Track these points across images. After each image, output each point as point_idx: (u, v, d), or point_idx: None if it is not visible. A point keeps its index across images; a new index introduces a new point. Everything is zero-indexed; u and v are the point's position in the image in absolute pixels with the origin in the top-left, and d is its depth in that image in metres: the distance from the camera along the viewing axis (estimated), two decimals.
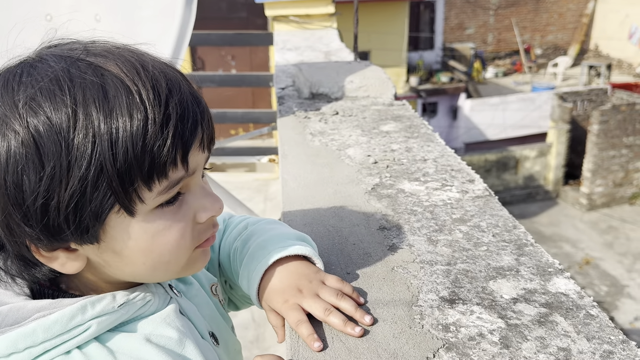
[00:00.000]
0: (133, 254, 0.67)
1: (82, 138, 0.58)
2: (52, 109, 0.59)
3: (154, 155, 0.61)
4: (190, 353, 0.73)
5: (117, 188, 0.60)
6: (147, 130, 0.60)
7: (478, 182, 1.38)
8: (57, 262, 0.66)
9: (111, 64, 0.62)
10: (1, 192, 0.60)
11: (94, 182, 0.59)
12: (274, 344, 3.44)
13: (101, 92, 0.60)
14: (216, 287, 0.94)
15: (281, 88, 2.52)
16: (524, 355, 0.78)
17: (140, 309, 0.72)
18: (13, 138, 0.59)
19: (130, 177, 0.61)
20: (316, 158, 1.62)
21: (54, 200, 0.59)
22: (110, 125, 0.59)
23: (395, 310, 0.89)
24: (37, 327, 0.63)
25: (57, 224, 0.61)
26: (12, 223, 0.61)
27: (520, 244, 1.08)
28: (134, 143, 0.60)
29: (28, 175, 0.59)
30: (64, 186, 0.59)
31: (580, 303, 0.90)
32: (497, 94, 18.41)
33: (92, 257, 0.67)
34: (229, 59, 13.55)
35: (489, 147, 16.18)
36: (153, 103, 0.61)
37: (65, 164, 0.58)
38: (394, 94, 2.30)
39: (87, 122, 0.59)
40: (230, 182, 5.58)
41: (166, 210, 0.67)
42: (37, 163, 0.58)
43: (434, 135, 1.78)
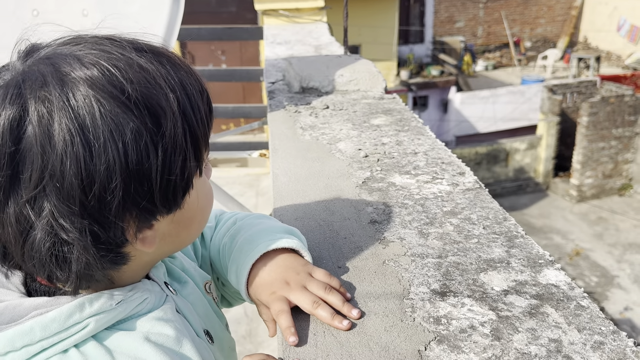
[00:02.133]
0: (196, 213, 0.74)
1: (177, 108, 0.64)
2: (148, 94, 0.63)
3: (206, 113, 0.70)
4: (188, 351, 0.73)
5: (201, 149, 0.69)
6: (197, 94, 0.68)
7: (468, 174, 1.38)
8: (148, 240, 0.67)
9: (166, 51, 0.70)
10: (124, 177, 0.60)
11: (192, 147, 0.66)
12: (267, 339, 3.45)
13: (177, 74, 0.67)
14: (210, 284, 0.93)
15: (271, 82, 2.51)
16: (515, 346, 0.79)
17: (137, 307, 0.71)
18: (129, 129, 0.60)
19: (203, 137, 0.69)
20: (307, 152, 1.61)
21: (168, 169, 0.63)
22: (188, 96, 0.66)
23: (387, 304, 0.89)
24: (35, 325, 0.62)
25: (168, 191, 0.65)
26: (132, 205, 0.62)
27: (511, 236, 1.08)
28: (199, 105, 0.68)
29: (151, 151, 0.61)
30: (175, 153, 0.64)
31: (571, 294, 0.90)
32: (487, 87, 18.46)
33: (163, 229, 0.70)
34: (219, 54, 13.49)
35: (480, 140, 16.23)
36: (192, 73, 0.70)
37: (174, 132, 0.63)
38: (384, 88, 2.30)
39: (175, 95, 0.64)
40: (221, 178, 5.56)
41: (205, 171, 0.74)
42: (155, 138, 0.62)
43: (425, 128, 1.78)
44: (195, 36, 4.56)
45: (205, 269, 1.00)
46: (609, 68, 20.60)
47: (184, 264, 0.88)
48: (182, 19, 1.86)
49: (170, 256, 0.86)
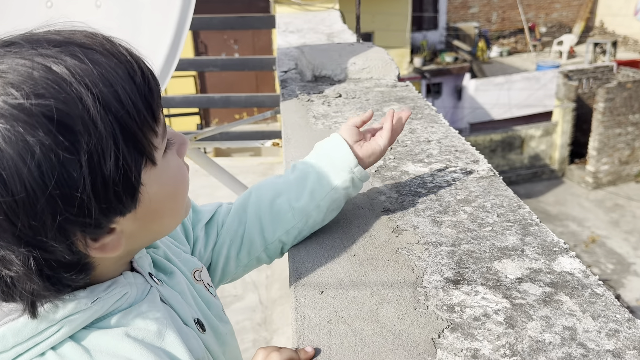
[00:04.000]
0: (162, 203, 0.69)
1: (100, 109, 0.58)
2: (59, 98, 0.57)
3: (149, 99, 0.64)
4: (170, 344, 0.71)
5: (142, 141, 0.62)
6: (134, 80, 0.62)
7: (482, 162, 1.37)
8: (108, 246, 0.64)
9: (79, 38, 0.62)
10: (47, 199, 0.56)
11: (124, 145, 0.60)
12: (281, 326, 3.47)
13: (90, 65, 0.60)
14: (199, 272, 0.91)
15: (283, 71, 2.50)
16: (530, 334, 0.79)
17: (116, 303, 0.69)
18: (38, 149, 0.55)
19: (145, 126, 0.63)
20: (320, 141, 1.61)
21: (99, 178, 0.58)
22: (112, 89, 0.60)
23: (400, 292, 0.90)
24: (7, 331, 0.61)
25: (108, 201, 0.60)
26: (67, 223, 0.58)
27: (525, 224, 1.08)
28: (133, 94, 0.61)
29: (70, 166, 0.56)
30: (104, 160, 0.58)
31: (586, 282, 0.90)
32: (502, 73, 18.27)
33: (128, 228, 0.66)
34: (232, 43, 13.48)
35: (494, 127, 16.10)
36: (124, 55, 0.63)
37: (96, 138, 0.57)
38: (397, 75, 2.28)
39: (94, 93, 0.58)
40: (235, 167, 5.58)
41: (168, 153, 0.70)
42: (73, 154, 0.56)
43: (438, 116, 1.77)
44: (208, 25, 4.56)
45: (199, 251, 1.00)
46: (625, 53, 20.28)
47: (168, 254, 0.86)
48: (195, 8, 1.86)
49: (154, 247, 0.85)
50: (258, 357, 0.77)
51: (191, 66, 5.24)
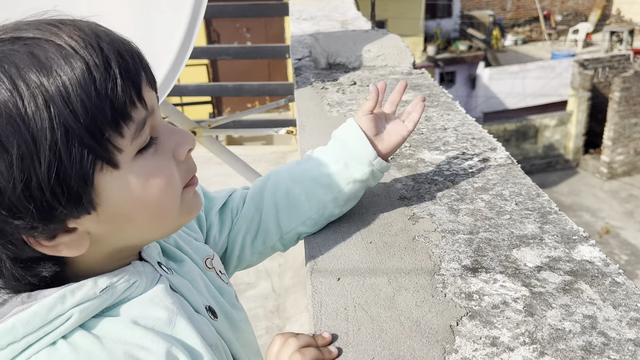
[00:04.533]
0: (133, 209, 0.65)
1: (34, 107, 0.55)
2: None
3: (111, 98, 0.59)
4: (181, 331, 0.71)
5: (90, 143, 0.58)
6: (93, 76, 0.58)
7: (500, 150, 1.36)
8: (63, 247, 0.63)
9: (29, 30, 0.59)
10: None
11: (65, 146, 0.57)
12: (295, 314, 3.49)
13: (32, 58, 0.57)
14: (211, 259, 0.91)
15: (297, 59, 2.49)
16: (549, 322, 0.78)
17: (125, 292, 0.69)
18: None
19: (98, 127, 0.58)
20: (334, 129, 1.60)
21: (34, 180, 0.56)
22: (56, 83, 0.56)
23: (417, 279, 0.89)
24: (16, 322, 0.61)
25: (47, 203, 0.58)
26: (5, 223, 0.58)
27: (544, 212, 1.06)
28: (86, 91, 0.57)
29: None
30: (37, 161, 0.56)
31: (606, 270, 0.89)
32: (517, 62, 18.08)
33: (94, 229, 0.64)
34: (244, 32, 13.46)
35: (508, 116, 15.96)
36: (86, 48, 0.59)
37: (29, 138, 0.55)
38: (412, 63, 2.26)
39: (31, 89, 0.56)
40: (247, 155, 5.59)
41: (147, 155, 0.65)
42: (1, 151, 0.55)
43: (454, 103, 1.75)
44: (221, 13, 4.54)
45: (213, 237, 1.00)
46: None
47: (178, 242, 0.86)
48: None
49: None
50: (275, 344, 0.77)
51: (204, 54, 5.24)
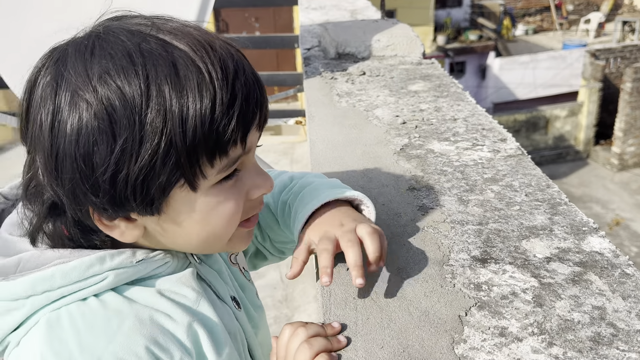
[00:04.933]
0: (191, 225, 0.70)
1: (155, 113, 0.60)
2: (126, 83, 0.59)
3: (220, 134, 0.63)
4: (205, 311, 0.75)
5: (184, 164, 0.63)
6: (214, 110, 0.62)
7: (510, 141, 1.35)
8: (117, 231, 0.68)
9: (181, 42, 0.63)
10: (70, 162, 0.61)
11: (163, 158, 0.61)
12: (303, 304, 3.50)
13: (173, 70, 0.61)
14: (235, 256, 0.94)
15: (307, 49, 2.49)
16: (558, 313, 0.78)
17: (158, 268, 0.73)
18: (85, 109, 0.60)
19: (196, 154, 0.63)
20: (344, 119, 1.60)
21: (123, 173, 0.61)
22: (182, 103, 0.60)
23: (426, 270, 0.89)
24: (56, 271, 0.66)
25: (124, 196, 0.63)
26: (79, 191, 0.63)
27: (554, 203, 1.06)
28: (202, 122, 0.61)
29: (99, 147, 0.60)
30: (134, 160, 0.60)
31: (616, 262, 0.89)
32: (527, 52, 17.92)
33: (151, 226, 0.69)
34: (253, 21, 13.42)
35: (519, 107, 15.85)
36: (221, 84, 0.62)
37: (138, 138, 0.60)
38: (422, 53, 2.25)
39: (159, 98, 0.60)
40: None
41: (224, 186, 0.69)
42: (110, 135, 0.60)
43: (464, 94, 1.74)
44: (230, 2, 4.53)
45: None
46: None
47: None
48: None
49: None
50: (285, 333, 0.77)
51: None
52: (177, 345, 0.69)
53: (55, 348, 0.63)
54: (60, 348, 0.63)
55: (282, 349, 0.76)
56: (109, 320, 0.66)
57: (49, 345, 0.64)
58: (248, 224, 0.77)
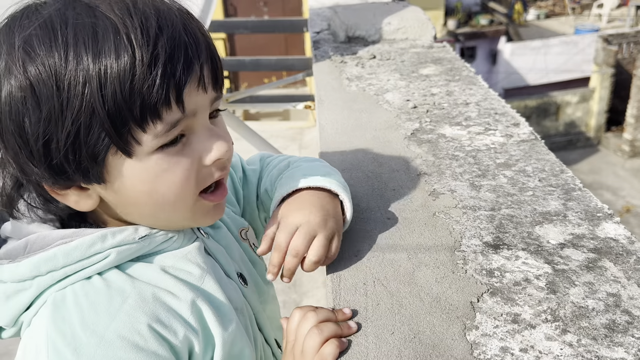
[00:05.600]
0: (136, 194, 0.68)
1: (73, 80, 0.59)
2: (45, 52, 0.59)
3: (144, 96, 0.60)
4: (210, 287, 0.75)
5: (109, 130, 0.61)
6: (134, 71, 0.59)
7: (523, 125, 1.33)
8: (71, 200, 0.68)
9: (104, 3, 0.61)
10: (8, 133, 0.62)
11: (87, 124, 0.60)
12: (311, 289, 3.51)
13: (91, 33, 0.59)
14: (246, 231, 0.94)
15: (316, 32, 2.46)
16: (572, 300, 0.77)
17: (162, 244, 0.73)
18: (12, 82, 0.60)
19: (121, 118, 0.60)
20: (353, 103, 1.58)
21: (53, 142, 0.61)
22: (99, 67, 0.59)
23: (438, 256, 0.88)
24: (58, 252, 0.67)
25: (60, 164, 0.63)
26: (22, 162, 0.64)
27: (568, 189, 1.04)
28: (121, 84, 0.59)
29: (28, 117, 0.60)
30: (60, 128, 0.60)
31: (631, 248, 0.87)
32: (539, 37, 17.71)
33: (105, 196, 0.69)
34: (261, 5, 13.32)
35: (529, 92, 15.70)
36: (141, 42, 0.60)
37: (58, 106, 0.59)
38: (433, 36, 2.22)
39: (77, 64, 0.59)
40: (264, 131, 5.58)
41: (168, 152, 0.66)
42: (35, 106, 0.60)
43: (477, 78, 1.72)
44: None
45: (249, 213, 1.00)
46: None
47: None
48: None
49: None
50: (294, 317, 0.77)
51: (221, 28, 5.20)
52: (180, 322, 0.69)
53: (60, 327, 0.64)
54: (64, 327, 0.64)
55: (291, 333, 0.76)
56: (111, 299, 0.67)
57: (54, 324, 0.65)
58: (213, 197, 0.73)
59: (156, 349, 0.66)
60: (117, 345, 0.64)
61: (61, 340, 0.64)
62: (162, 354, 0.66)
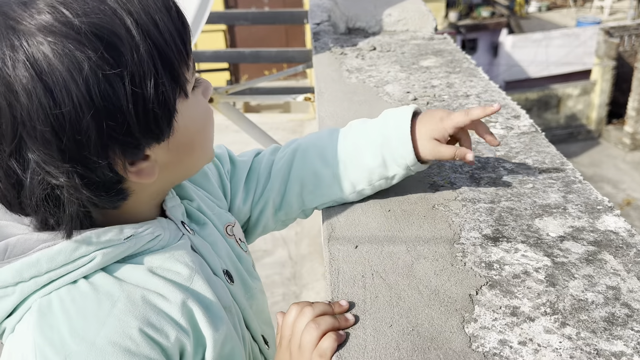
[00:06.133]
0: (194, 136, 0.71)
1: (139, 32, 0.61)
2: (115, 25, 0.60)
3: (182, 36, 0.66)
4: (199, 287, 0.74)
5: (176, 67, 0.65)
6: (170, 12, 0.65)
7: (524, 117, 1.32)
8: (144, 174, 0.67)
9: None
10: (93, 113, 0.58)
11: (160, 72, 0.62)
12: (311, 281, 3.52)
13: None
14: (232, 227, 0.92)
15: (316, 23, 2.45)
16: (571, 293, 0.76)
17: (148, 243, 0.71)
18: (82, 58, 0.58)
19: (178, 58, 0.65)
20: (353, 95, 1.57)
21: (141, 97, 0.61)
22: (149, 16, 0.62)
23: (437, 248, 0.88)
24: (41, 256, 0.64)
25: (154, 118, 0.63)
26: (110, 140, 0.61)
27: (568, 181, 1.04)
28: (171, 27, 0.64)
29: (114, 82, 0.59)
30: (144, 80, 0.61)
31: (631, 241, 0.87)
32: (540, 29, 17.65)
33: (162, 159, 0.68)
34: None
35: (531, 85, 15.67)
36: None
37: (137, 59, 0.60)
38: (434, 28, 2.21)
39: (134, 19, 0.61)
40: (264, 123, 5.57)
41: (196, 91, 0.72)
42: (116, 73, 0.59)
43: (477, 70, 1.71)
44: None
45: (236, 204, 0.99)
46: None
47: (201, 207, 0.87)
48: None
49: (188, 198, 0.86)
50: (291, 313, 0.76)
51: (221, 19, 5.18)
52: (171, 324, 0.68)
53: (47, 335, 0.62)
54: (52, 334, 0.62)
55: (287, 328, 0.75)
56: (100, 303, 0.65)
57: (41, 333, 0.62)
58: None
59: (148, 353, 0.64)
60: (109, 351, 0.62)
61: (50, 349, 0.61)
62: (154, 357, 0.65)
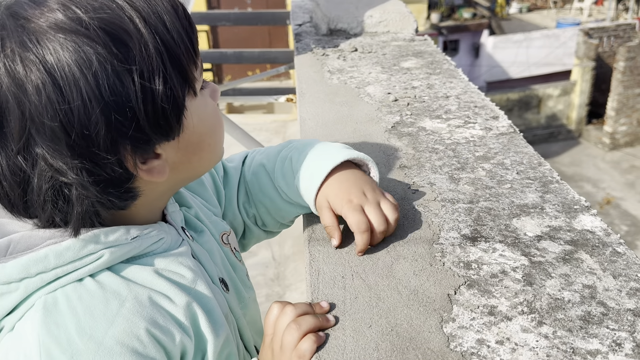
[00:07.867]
0: (203, 136, 0.71)
1: (152, 41, 0.61)
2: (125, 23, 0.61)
3: (189, 33, 0.67)
4: (202, 292, 0.74)
5: (185, 68, 0.65)
6: (177, 11, 0.66)
7: (502, 118, 1.34)
8: (155, 172, 0.67)
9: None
10: (102, 108, 0.59)
11: (171, 67, 0.63)
12: (294, 282, 3.52)
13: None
14: (227, 235, 0.93)
15: (298, 25, 2.45)
16: (548, 292, 0.77)
17: (152, 245, 0.72)
18: (100, 50, 0.58)
19: (187, 56, 0.65)
20: (335, 96, 1.58)
21: (150, 93, 0.61)
22: (157, 15, 0.63)
23: (416, 248, 0.88)
24: (49, 252, 0.63)
25: (163, 115, 0.63)
26: (119, 136, 0.61)
27: (546, 181, 1.05)
28: (178, 26, 0.65)
29: (123, 83, 0.59)
30: (154, 78, 0.61)
31: (607, 240, 0.88)
32: (521, 30, 17.83)
33: (172, 158, 0.69)
34: None
35: (512, 85, 15.82)
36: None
37: (146, 55, 0.61)
38: (415, 29, 2.22)
39: (143, 17, 0.61)
40: (248, 124, 5.56)
41: (204, 92, 0.72)
42: (125, 69, 0.59)
43: (457, 71, 1.72)
44: None
45: (231, 212, 1.00)
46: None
47: (199, 214, 0.88)
48: None
49: (187, 205, 0.86)
50: (273, 311, 0.76)
51: (203, 20, 5.16)
52: (176, 326, 0.68)
53: (54, 333, 0.61)
54: (59, 333, 0.61)
55: (270, 327, 0.75)
56: (107, 303, 0.64)
57: (47, 330, 0.61)
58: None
59: (154, 355, 0.64)
60: (117, 351, 0.61)
61: (56, 347, 0.60)
62: (159, 359, 0.64)
